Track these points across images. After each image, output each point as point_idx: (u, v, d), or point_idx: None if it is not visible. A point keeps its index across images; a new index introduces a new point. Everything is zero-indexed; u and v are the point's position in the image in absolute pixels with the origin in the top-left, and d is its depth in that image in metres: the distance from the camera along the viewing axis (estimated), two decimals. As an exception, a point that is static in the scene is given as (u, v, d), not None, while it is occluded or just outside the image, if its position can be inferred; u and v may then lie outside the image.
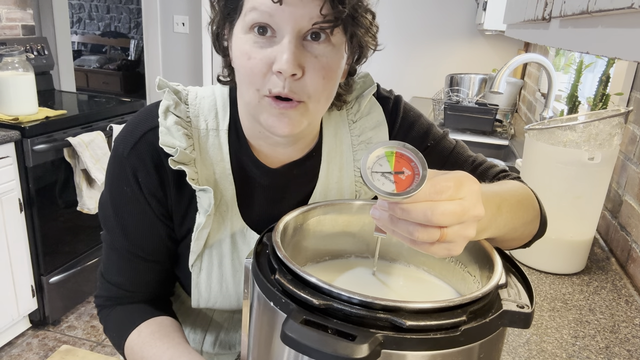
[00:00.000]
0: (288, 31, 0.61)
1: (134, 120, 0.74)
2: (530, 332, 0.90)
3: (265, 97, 0.64)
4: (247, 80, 0.64)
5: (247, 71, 0.63)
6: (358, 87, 0.81)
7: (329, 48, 0.64)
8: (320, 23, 0.61)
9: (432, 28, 3.40)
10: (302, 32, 0.62)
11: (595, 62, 1.87)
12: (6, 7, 2.63)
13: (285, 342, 0.43)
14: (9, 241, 2.04)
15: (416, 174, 0.49)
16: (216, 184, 0.75)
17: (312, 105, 0.66)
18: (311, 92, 0.64)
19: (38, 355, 2.15)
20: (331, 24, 0.61)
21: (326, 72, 0.64)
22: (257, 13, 0.61)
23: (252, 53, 0.63)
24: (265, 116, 0.66)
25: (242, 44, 0.64)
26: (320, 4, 0.60)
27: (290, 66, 0.60)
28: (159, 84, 0.75)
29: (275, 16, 0.60)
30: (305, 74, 0.63)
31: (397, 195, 0.47)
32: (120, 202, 0.74)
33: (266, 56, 0.62)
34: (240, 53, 0.64)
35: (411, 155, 0.50)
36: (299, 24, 0.60)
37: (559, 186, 1.05)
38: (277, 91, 0.63)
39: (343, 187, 0.81)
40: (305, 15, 0.60)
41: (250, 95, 0.65)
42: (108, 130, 2.35)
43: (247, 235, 0.77)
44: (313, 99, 0.65)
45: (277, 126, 0.65)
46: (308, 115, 0.67)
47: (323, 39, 0.63)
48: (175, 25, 3.48)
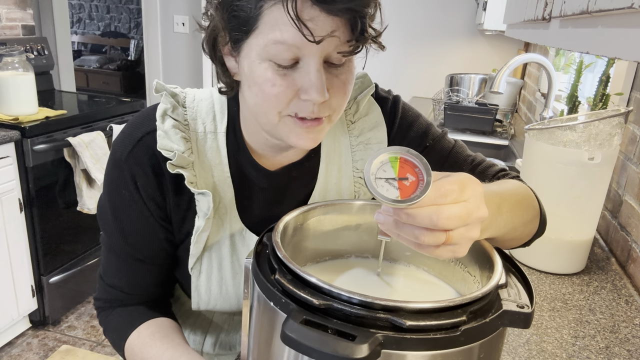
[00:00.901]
0: (315, 61, 0.60)
1: (132, 124, 0.74)
2: (530, 332, 0.90)
3: (288, 116, 0.64)
4: (269, 104, 0.63)
5: (270, 97, 0.62)
6: (356, 87, 0.81)
7: (346, 65, 0.65)
8: (345, 53, 0.61)
9: (432, 28, 3.40)
10: (326, 58, 0.62)
11: (595, 62, 1.87)
12: (6, 7, 2.63)
13: (285, 342, 0.43)
14: (9, 241, 2.04)
15: (420, 180, 0.49)
16: (215, 187, 0.75)
17: (334, 117, 0.68)
18: (335, 107, 0.66)
19: (38, 355, 2.15)
20: (355, 50, 0.61)
21: (347, 87, 0.66)
22: (284, 47, 0.59)
23: (276, 81, 0.61)
24: (290, 135, 0.66)
25: (263, 71, 0.62)
26: (346, 33, 0.60)
27: (322, 95, 0.61)
28: (156, 87, 0.75)
29: (303, 49, 0.59)
30: (331, 95, 0.63)
31: (401, 202, 0.47)
32: (118, 206, 0.74)
33: (292, 83, 0.61)
34: (261, 80, 0.62)
35: (415, 161, 0.50)
36: (324, 51, 0.60)
37: (559, 186, 1.05)
38: (305, 115, 0.63)
39: (342, 187, 0.81)
40: (332, 44, 0.60)
41: (269, 117, 0.65)
42: (108, 130, 2.35)
43: (246, 237, 0.77)
44: (337, 112, 0.67)
45: (302, 142, 0.66)
46: (330, 124, 0.68)
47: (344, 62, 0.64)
48: (175, 25, 3.48)
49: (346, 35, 0.60)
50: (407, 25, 3.42)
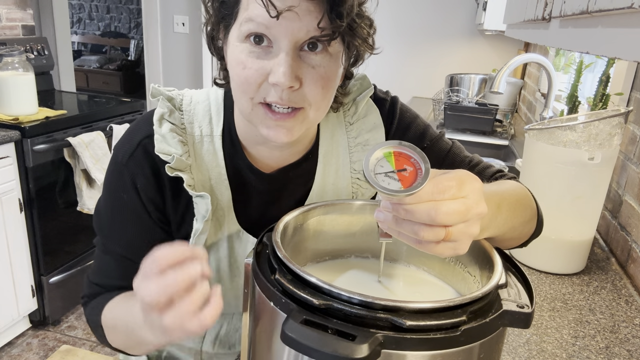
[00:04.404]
0: (285, 44, 0.60)
1: (132, 128, 0.75)
2: (530, 332, 0.90)
3: (260, 104, 0.64)
4: (241, 88, 0.64)
5: (241, 80, 0.63)
6: (355, 89, 0.81)
7: (326, 58, 0.63)
8: (318, 37, 0.60)
9: (432, 28, 3.40)
10: (299, 43, 0.61)
11: (595, 62, 1.87)
12: (6, 7, 2.63)
13: (285, 342, 0.43)
14: (9, 241, 2.04)
15: (418, 169, 0.49)
16: (212, 189, 0.75)
17: (312, 112, 0.66)
18: (311, 100, 0.64)
19: (38, 355, 2.15)
20: (328, 37, 0.60)
21: (325, 81, 0.64)
22: (254, 24, 0.60)
23: (247, 62, 0.62)
24: (261, 126, 0.66)
25: (238, 53, 0.63)
26: (318, 17, 0.59)
27: (288, 79, 0.60)
28: (152, 92, 0.75)
29: (272, 28, 0.60)
30: (304, 84, 0.62)
31: (405, 191, 0.47)
32: (118, 208, 0.75)
33: (262, 67, 0.62)
34: (235, 62, 0.64)
35: (409, 152, 0.50)
36: (295, 36, 0.60)
37: (559, 186, 1.05)
38: (273, 100, 0.62)
39: (340, 188, 0.81)
40: (303, 28, 0.59)
41: (243, 103, 0.65)
42: (108, 130, 2.35)
43: (244, 239, 0.77)
44: (313, 107, 0.65)
45: (275, 136, 0.65)
46: (307, 121, 0.67)
47: (320, 49, 0.62)
48: (175, 25, 3.48)
49: (317, 18, 0.59)
50: (407, 25, 3.42)
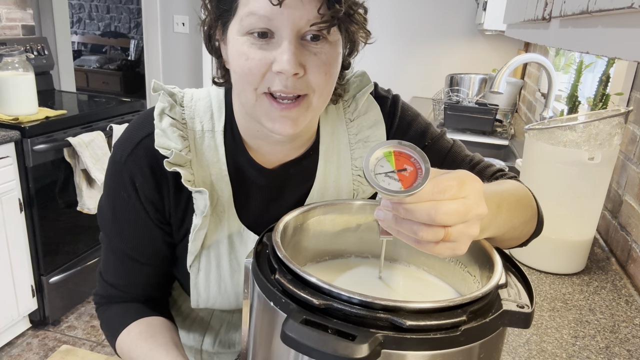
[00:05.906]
0: (287, 33, 0.61)
1: (132, 127, 0.75)
2: (530, 332, 0.90)
3: (264, 95, 0.65)
4: (245, 80, 0.64)
5: (244, 71, 0.64)
6: (355, 85, 0.81)
7: (327, 46, 0.65)
8: (318, 24, 0.61)
9: (432, 28, 3.40)
10: (301, 32, 0.62)
11: (595, 62, 1.87)
12: (6, 7, 2.63)
13: (285, 342, 0.43)
14: (9, 241, 2.04)
15: (419, 169, 0.49)
16: (212, 185, 0.75)
17: (315, 99, 0.67)
18: (315, 86, 0.65)
19: (38, 355, 2.15)
20: (328, 23, 0.61)
21: (327, 68, 0.65)
22: (256, 18, 0.61)
23: (249, 53, 0.63)
24: (265, 119, 0.66)
25: (239, 45, 0.64)
26: (318, 4, 0.60)
27: (292, 66, 0.61)
28: (154, 87, 0.76)
29: (274, 19, 0.61)
30: (307, 71, 0.64)
31: (406, 191, 0.47)
32: (117, 207, 0.75)
33: (264, 57, 0.62)
34: (237, 54, 0.64)
35: (409, 151, 0.50)
36: (297, 25, 0.61)
37: (559, 186, 1.05)
38: (278, 89, 0.63)
39: (341, 185, 0.81)
40: (304, 16, 0.60)
41: (247, 95, 0.66)
42: (108, 130, 2.35)
43: (244, 236, 0.77)
44: (317, 93, 0.66)
45: (280, 128, 0.66)
46: (311, 109, 0.67)
47: (321, 39, 0.64)
48: (175, 25, 3.48)
49: (317, 4, 0.60)
50: (407, 25, 3.42)
